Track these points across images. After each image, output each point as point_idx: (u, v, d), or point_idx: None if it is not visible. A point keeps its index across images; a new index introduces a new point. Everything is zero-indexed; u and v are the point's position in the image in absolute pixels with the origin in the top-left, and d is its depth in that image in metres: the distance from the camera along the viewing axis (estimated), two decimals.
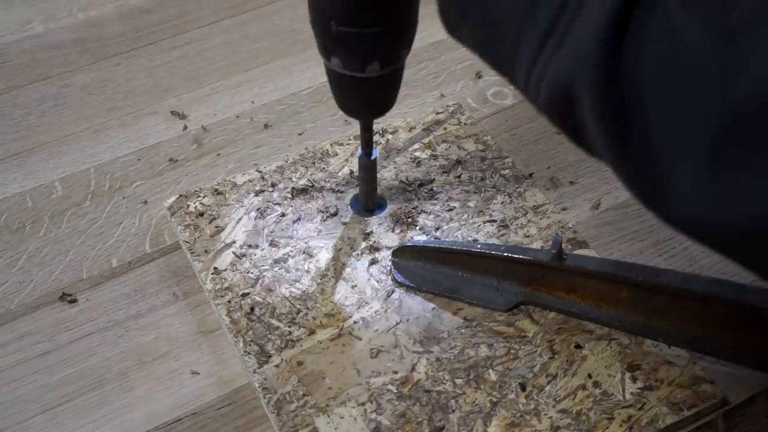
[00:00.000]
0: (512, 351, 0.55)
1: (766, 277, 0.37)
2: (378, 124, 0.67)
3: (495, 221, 0.62)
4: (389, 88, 0.54)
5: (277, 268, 0.59)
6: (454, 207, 0.63)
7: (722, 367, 0.54)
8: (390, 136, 0.68)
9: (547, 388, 0.53)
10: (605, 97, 0.35)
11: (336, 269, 0.59)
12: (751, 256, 0.35)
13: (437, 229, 0.62)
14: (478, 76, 0.76)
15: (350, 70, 0.51)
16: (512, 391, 0.53)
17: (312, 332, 0.56)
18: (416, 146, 0.68)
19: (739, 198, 0.32)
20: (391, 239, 0.61)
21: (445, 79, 0.76)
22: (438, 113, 0.70)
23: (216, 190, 0.64)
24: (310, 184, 0.65)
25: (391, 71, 0.52)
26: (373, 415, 0.52)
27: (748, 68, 0.31)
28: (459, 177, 0.65)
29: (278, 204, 0.63)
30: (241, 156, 0.70)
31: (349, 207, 0.63)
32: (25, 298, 0.60)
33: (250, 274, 0.59)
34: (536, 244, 0.60)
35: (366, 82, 0.52)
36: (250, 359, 0.54)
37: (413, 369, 0.54)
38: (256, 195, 0.64)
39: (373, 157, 0.59)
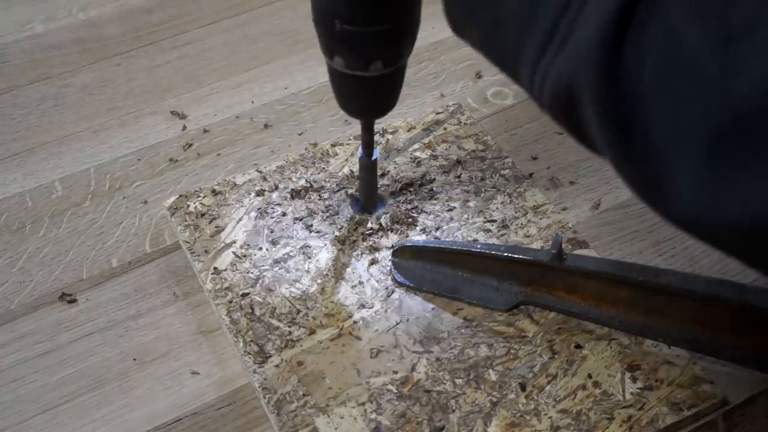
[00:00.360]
0: (512, 351, 0.55)
1: (766, 274, 0.37)
2: (378, 124, 0.67)
3: (495, 221, 0.62)
4: (392, 87, 0.54)
5: (277, 268, 0.59)
6: (454, 207, 0.63)
7: (722, 367, 0.54)
8: (390, 136, 0.68)
9: (547, 388, 0.53)
10: (606, 96, 0.35)
11: (336, 269, 0.59)
12: (751, 253, 0.35)
13: (437, 229, 0.62)
14: (478, 76, 0.76)
15: (353, 69, 0.51)
16: (512, 391, 0.53)
17: (312, 332, 0.56)
18: (416, 146, 0.68)
19: (738, 197, 0.32)
20: (391, 239, 0.61)
21: (445, 79, 0.76)
22: (438, 113, 0.70)
23: (216, 190, 0.64)
24: (310, 184, 0.65)
25: (393, 70, 0.52)
26: (373, 415, 0.52)
27: (748, 67, 0.31)
28: (459, 177, 0.65)
29: (278, 204, 0.63)
30: (241, 156, 0.70)
31: (349, 207, 0.63)
32: (25, 298, 0.60)
33: (250, 274, 0.59)
34: (536, 244, 0.60)
35: (369, 82, 0.52)
36: (250, 359, 0.54)
37: (413, 369, 0.54)
38: (256, 195, 0.64)
39: (373, 158, 0.59)
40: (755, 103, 0.31)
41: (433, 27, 0.80)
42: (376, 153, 0.59)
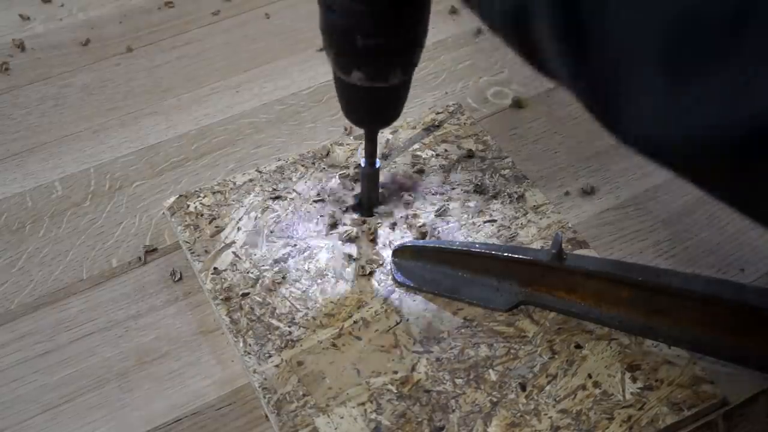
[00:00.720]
0: (512, 351, 0.55)
1: (716, 196, 0.35)
2: None
3: (495, 221, 0.62)
4: (404, 94, 0.55)
5: (277, 268, 0.59)
6: (455, 207, 0.63)
7: (722, 367, 0.54)
8: (390, 136, 0.68)
9: (547, 388, 0.53)
10: (562, 7, 0.34)
11: (336, 269, 0.59)
12: (702, 171, 0.34)
13: (437, 229, 0.62)
14: (478, 76, 0.76)
15: (372, 81, 0.51)
16: (512, 391, 0.53)
17: (312, 332, 0.56)
18: (416, 146, 0.68)
19: (692, 106, 0.31)
20: (391, 239, 0.61)
21: (445, 79, 0.76)
22: (438, 113, 0.70)
23: (216, 190, 0.64)
24: (310, 185, 0.65)
25: (407, 78, 0.53)
26: (373, 415, 0.52)
27: None
28: (459, 177, 0.65)
29: (278, 204, 0.63)
30: (241, 156, 0.70)
31: (350, 207, 0.63)
32: (25, 298, 0.60)
33: (250, 274, 0.59)
34: (536, 244, 0.60)
35: (385, 92, 0.52)
36: (250, 359, 0.54)
37: (413, 369, 0.54)
38: (256, 195, 0.64)
39: (376, 167, 0.60)
40: (710, 3, 0.29)
41: (434, 27, 0.80)
42: (379, 163, 0.60)
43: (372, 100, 0.53)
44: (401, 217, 0.62)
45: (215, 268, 0.59)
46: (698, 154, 0.32)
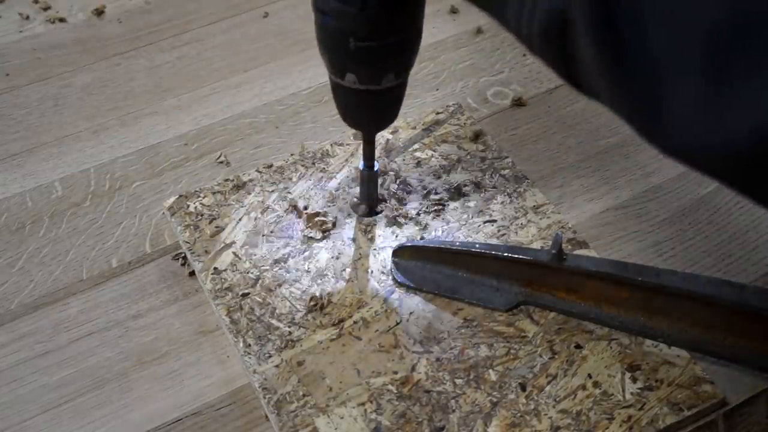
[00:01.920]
0: (512, 351, 0.55)
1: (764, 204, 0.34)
2: None
3: (495, 221, 0.62)
4: (399, 98, 0.55)
5: (277, 268, 0.59)
6: (455, 207, 0.63)
7: (722, 367, 0.54)
8: (390, 136, 0.68)
9: (547, 388, 0.53)
10: (601, 12, 0.33)
11: (336, 269, 0.59)
12: (747, 176, 0.33)
13: (437, 229, 0.62)
14: (478, 76, 0.76)
15: (366, 84, 0.51)
16: (512, 391, 0.53)
17: (312, 332, 0.56)
18: (416, 146, 0.68)
19: (741, 111, 0.29)
20: (391, 239, 0.61)
21: (445, 79, 0.76)
22: (438, 113, 0.70)
23: (216, 190, 0.64)
24: (311, 185, 0.65)
25: (402, 81, 0.53)
26: (373, 415, 0.52)
27: None
28: (459, 177, 0.65)
29: (278, 204, 0.63)
30: (241, 156, 0.70)
31: (350, 208, 0.63)
32: (25, 298, 0.60)
33: (250, 274, 0.59)
34: (536, 244, 0.60)
35: (379, 95, 0.52)
36: (250, 359, 0.54)
37: (413, 369, 0.54)
38: (256, 195, 0.64)
39: (375, 169, 0.60)
40: (757, 3, 0.28)
41: (434, 27, 0.80)
42: (377, 165, 0.60)
43: (367, 103, 0.53)
44: (401, 217, 0.62)
45: (215, 268, 0.59)
46: (744, 157, 0.31)
